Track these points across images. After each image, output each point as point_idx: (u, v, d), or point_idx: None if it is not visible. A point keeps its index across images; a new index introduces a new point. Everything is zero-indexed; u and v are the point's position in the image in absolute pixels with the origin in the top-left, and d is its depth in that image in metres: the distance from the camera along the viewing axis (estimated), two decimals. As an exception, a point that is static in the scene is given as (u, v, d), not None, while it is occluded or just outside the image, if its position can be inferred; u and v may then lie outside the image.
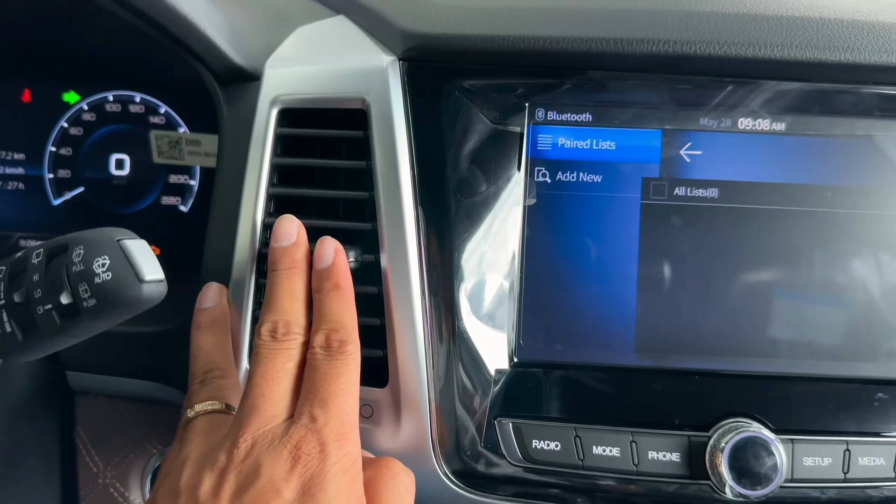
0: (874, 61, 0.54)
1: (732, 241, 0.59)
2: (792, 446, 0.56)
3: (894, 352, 0.59)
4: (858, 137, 0.59)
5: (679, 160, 0.59)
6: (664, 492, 0.56)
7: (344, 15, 0.69)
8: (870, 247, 0.59)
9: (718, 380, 0.58)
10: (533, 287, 0.59)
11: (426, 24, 0.58)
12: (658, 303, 0.59)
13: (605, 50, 0.54)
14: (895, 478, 0.56)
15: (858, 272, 0.59)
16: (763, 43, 0.54)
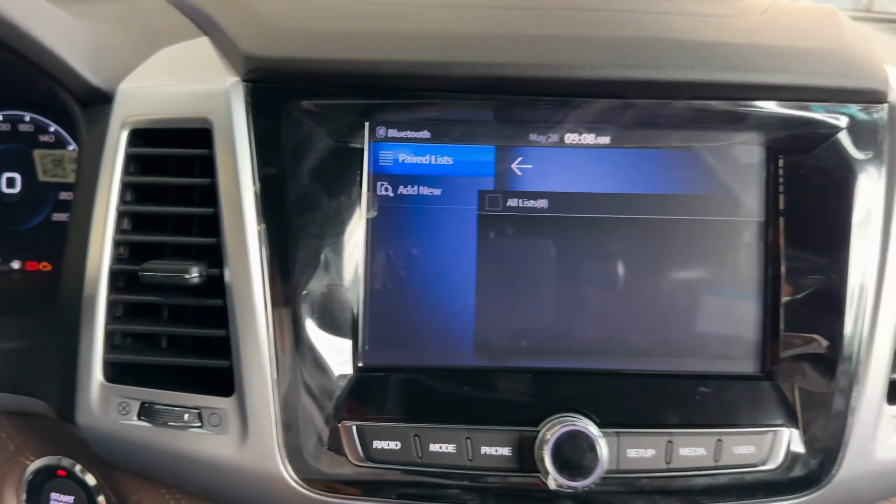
0: (680, 78, 0.58)
1: (562, 248, 0.63)
2: (617, 439, 0.60)
3: (714, 349, 0.63)
4: (677, 148, 0.63)
5: (511, 174, 0.63)
6: (496, 484, 0.59)
7: (208, 37, 0.71)
8: (691, 251, 0.63)
9: (551, 378, 0.62)
10: (377, 295, 0.62)
11: (268, 47, 0.61)
12: (496, 307, 0.62)
13: (430, 73, 0.58)
14: (714, 466, 0.61)
15: (680, 275, 0.63)
16: (576, 64, 0.58)
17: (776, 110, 0.61)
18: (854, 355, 0.61)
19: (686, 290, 0.63)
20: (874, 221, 0.61)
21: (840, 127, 0.62)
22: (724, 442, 0.60)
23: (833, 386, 0.61)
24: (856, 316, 0.61)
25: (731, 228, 0.64)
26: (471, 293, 0.62)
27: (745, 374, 0.63)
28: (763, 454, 0.61)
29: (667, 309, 0.63)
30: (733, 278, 0.64)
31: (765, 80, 0.59)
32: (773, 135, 0.63)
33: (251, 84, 0.61)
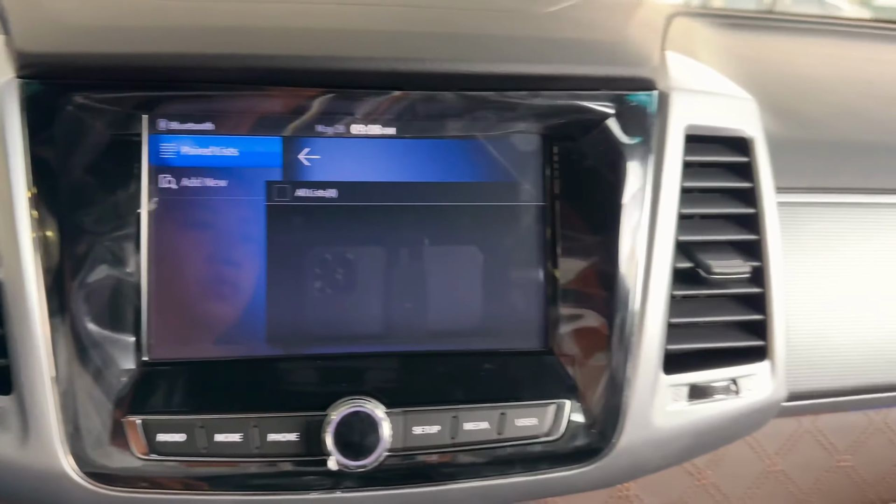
0: (446, 69, 0.60)
1: (352, 237, 0.64)
2: (403, 418, 0.61)
3: (500, 328, 0.66)
4: (459, 138, 0.66)
5: (299, 164, 0.64)
6: (283, 470, 0.60)
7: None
8: (476, 235, 0.66)
9: (342, 363, 0.63)
10: (162, 289, 0.62)
11: (41, 43, 0.60)
12: (287, 296, 0.63)
13: (200, 65, 0.58)
14: (497, 439, 0.63)
15: (466, 259, 0.66)
16: (344, 56, 0.59)
17: (546, 100, 0.64)
18: (628, 329, 0.64)
19: (472, 273, 0.66)
20: (642, 202, 0.65)
21: (609, 114, 0.65)
22: (508, 415, 0.63)
23: (609, 358, 0.64)
24: (628, 291, 0.64)
25: (514, 213, 0.67)
26: (261, 283, 0.63)
27: (529, 350, 0.66)
28: (545, 426, 0.64)
29: (454, 292, 0.65)
30: (517, 260, 0.66)
31: (529, 71, 0.62)
32: (546, 123, 0.66)
33: (25, 81, 0.60)
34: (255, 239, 0.63)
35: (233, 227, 0.63)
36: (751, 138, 0.70)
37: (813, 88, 0.91)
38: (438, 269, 0.65)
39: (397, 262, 0.65)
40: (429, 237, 0.65)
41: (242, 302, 0.63)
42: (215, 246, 0.63)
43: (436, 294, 0.65)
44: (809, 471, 0.78)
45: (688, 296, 0.68)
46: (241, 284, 0.63)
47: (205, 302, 0.63)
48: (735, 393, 0.69)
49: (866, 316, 0.78)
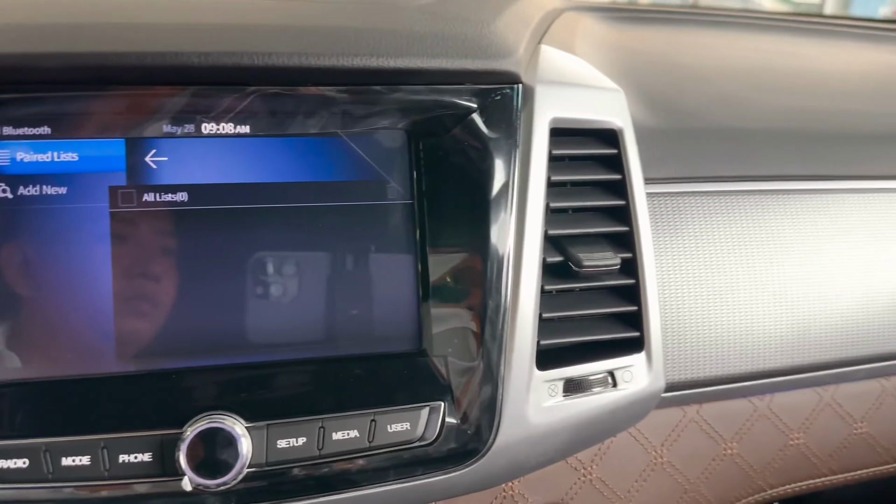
0: (296, 64, 0.58)
1: (207, 242, 0.61)
2: (265, 432, 0.59)
3: (371, 331, 0.63)
4: (321, 136, 0.63)
5: (145, 167, 0.60)
6: (136, 492, 0.57)
7: None
8: (343, 237, 0.63)
9: (199, 377, 0.60)
10: None
11: None
12: (136, 308, 0.60)
13: (32, 65, 0.54)
14: (369, 447, 0.61)
15: (334, 261, 0.63)
16: (182, 51, 0.56)
17: (408, 95, 0.62)
18: (499, 326, 0.63)
19: (338, 275, 0.63)
20: (509, 196, 0.64)
21: (472, 108, 0.64)
22: (378, 422, 0.61)
23: (482, 356, 0.63)
24: (497, 287, 0.63)
25: (380, 212, 0.64)
26: (108, 297, 0.59)
27: (401, 353, 0.64)
28: (419, 430, 0.62)
29: (319, 296, 0.63)
30: (386, 260, 0.64)
31: (385, 65, 0.60)
32: (410, 118, 0.64)
33: None
34: (99, 250, 0.59)
35: (75, 237, 0.59)
36: (619, 130, 0.70)
37: (691, 78, 0.92)
38: (301, 273, 0.62)
39: (256, 268, 0.62)
40: (290, 240, 0.62)
41: (87, 316, 0.59)
42: (56, 257, 0.59)
43: (299, 299, 0.62)
44: (697, 460, 0.78)
45: (561, 290, 0.67)
46: (85, 298, 0.59)
47: (46, 317, 0.58)
48: (612, 385, 0.68)
49: (744, 302, 0.78)
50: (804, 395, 0.82)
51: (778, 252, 0.80)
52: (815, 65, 1.06)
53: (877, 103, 0.97)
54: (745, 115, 0.88)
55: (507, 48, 0.65)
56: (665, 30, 1.09)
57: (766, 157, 0.83)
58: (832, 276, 0.82)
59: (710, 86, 0.92)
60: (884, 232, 0.85)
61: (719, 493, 0.81)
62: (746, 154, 0.83)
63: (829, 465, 0.86)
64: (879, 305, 0.83)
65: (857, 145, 0.89)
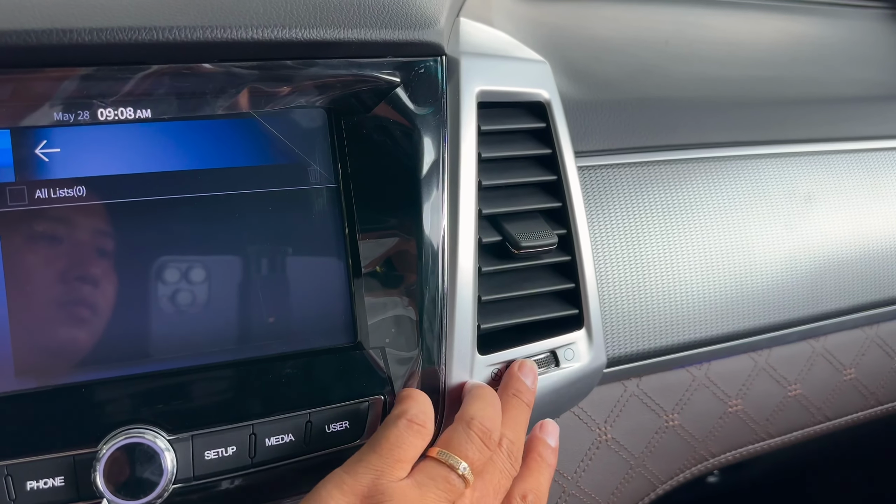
0: (197, 38, 0.53)
1: (109, 241, 0.55)
2: (191, 443, 0.53)
3: (301, 327, 0.59)
4: (230, 117, 0.58)
5: (36, 160, 0.54)
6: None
7: None
8: (263, 226, 0.59)
9: (112, 389, 0.54)
10: None
11: None
12: (35, 318, 0.53)
13: None
14: (307, 451, 0.57)
15: (254, 254, 0.58)
16: (71, 27, 0.50)
17: (326, 70, 0.58)
18: (437, 311, 0.60)
19: (262, 268, 0.59)
20: (440, 175, 0.61)
21: (396, 82, 0.60)
22: (315, 423, 0.57)
23: (420, 344, 0.60)
24: (433, 271, 0.60)
25: (305, 198, 0.60)
26: (2, 308, 0.53)
27: (336, 347, 0.60)
28: (359, 428, 0.58)
29: (243, 292, 0.58)
30: (313, 250, 0.60)
31: (299, 37, 0.55)
32: (329, 95, 0.60)
33: None
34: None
35: (-43, 243, 0.52)
36: (546, 102, 0.68)
37: (608, 50, 0.91)
38: (219, 270, 0.57)
39: (167, 266, 0.56)
40: (204, 234, 0.57)
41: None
42: (-65, 267, 0.52)
43: (219, 297, 0.57)
44: (640, 435, 0.77)
45: (497, 270, 0.64)
46: (-27, 310, 0.52)
47: (-72, 336, 0.51)
48: (555, 365, 0.66)
49: (676, 272, 0.78)
50: (740, 362, 0.83)
51: (705, 219, 0.80)
52: (724, 35, 1.07)
53: (788, 70, 0.99)
54: (664, 85, 0.87)
55: (428, 18, 0.62)
56: (578, 5, 1.08)
57: (686, 126, 0.83)
58: (759, 241, 0.82)
59: (629, 57, 0.91)
60: (804, 194, 0.86)
61: (664, 465, 0.81)
62: (668, 123, 0.83)
63: (767, 429, 0.87)
64: (806, 268, 0.84)
65: (772, 110, 0.90)
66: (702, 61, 0.94)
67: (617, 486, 0.78)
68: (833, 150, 0.89)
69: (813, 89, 0.95)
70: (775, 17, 1.13)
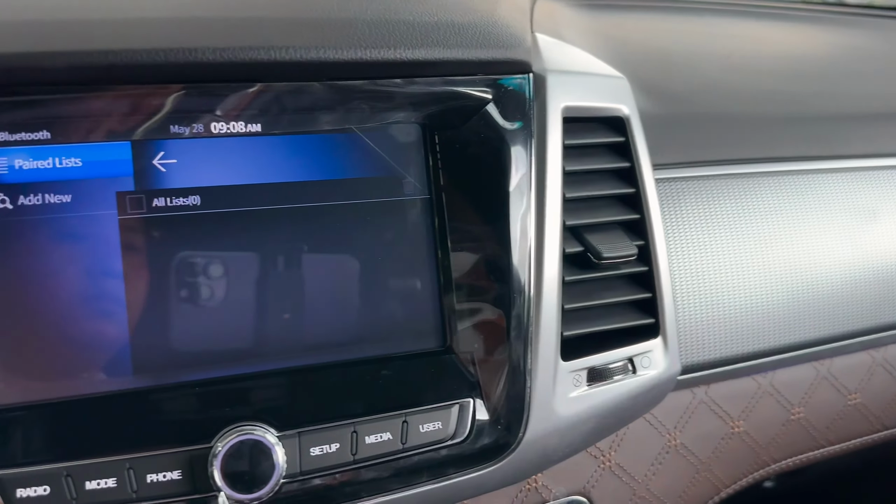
0: (311, 58, 0.56)
1: (221, 247, 0.58)
2: (298, 440, 0.56)
3: (395, 331, 0.62)
4: (333, 132, 0.61)
5: (154, 171, 0.57)
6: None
7: None
8: (361, 235, 0.61)
9: (224, 388, 0.57)
10: (5, 322, 0.54)
11: None
12: (152, 319, 0.57)
13: (26, 64, 0.51)
14: (402, 449, 0.59)
15: (353, 261, 0.61)
16: (195, 47, 0.53)
17: (423, 87, 0.61)
18: (524, 318, 0.62)
19: (360, 275, 0.61)
20: (528, 187, 0.63)
21: (487, 99, 0.63)
22: (410, 423, 0.59)
23: (508, 350, 0.62)
24: (520, 280, 0.62)
25: (399, 208, 0.63)
26: (121, 308, 0.56)
27: (427, 351, 0.62)
28: (450, 429, 0.61)
29: (341, 298, 0.61)
30: (407, 258, 0.63)
31: (401, 57, 0.58)
32: (425, 111, 0.63)
33: None
34: (109, 260, 0.56)
35: (83, 249, 0.56)
36: (626, 117, 0.70)
37: (674, 63, 0.93)
38: (321, 276, 0.60)
39: (274, 272, 0.59)
40: (307, 242, 0.60)
41: (101, 330, 0.56)
42: (64, 269, 0.55)
43: (320, 302, 0.60)
44: (707, 440, 0.79)
45: (579, 280, 0.66)
46: (97, 311, 0.56)
47: (57, 334, 0.55)
48: (632, 372, 0.68)
49: (744, 283, 0.80)
50: (803, 371, 0.84)
51: (772, 232, 0.82)
52: (783, 49, 1.08)
53: (849, 84, 1.00)
54: (732, 100, 0.89)
55: (516, 37, 0.65)
56: (637, 17, 1.10)
57: (756, 140, 0.85)
58: (823, 254, 0.84)
59: (694, 71, 0.93)
60: (868, 208, 0.87)
61: (728, 470, 0.83)
62: (736, 138, 0.84)
63: (827, 436, 0.88)
64: (869, 281, 0.86)
65: (836, 125, 0.92)
66: (764, 75, 0.96)
67: (684, 490, 0.80)
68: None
69: (876, 104, 0.97)
70: (829, 31, 1.14)
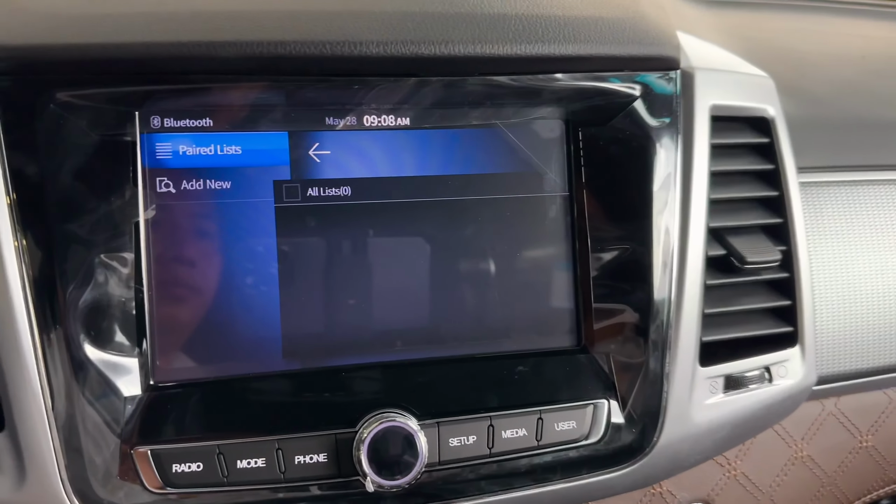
0: (469, 53, 0.56)
1: (370, 237, 0.59)
2: (437, 430, 0.57)
3: (530, 327, 0.62)
4: (478, 127, 0.61)
5: (309, 161, 0.59)
6: (313, 494, 0.55)
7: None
8: (499, 230, 0.62)
9: (367, 374, 0.58)
10: (165, 304, 0.56)
11: (11, 33, 0.53)
12: (302, 305, 0.58)
13: (198, 54, 0.53)
14: (537, 445, 0.59)
15: (491, 256, 0.61)
16: (359, 40, 0.54)
17: (570, 82, 0.60)
18: (664, 321, 0.61)
19: (498, 270, 0.62)
20: (673, 187, 0.62)
21: (634, 96, 0.62)
22: (545, 420, 0.59)
23: (646, 353, 0.61)
24: (662, 282, 0.61)
25: (538, 205, 0.63)
26: (274, 292, 0.58)
27: (562, 349, 0.62)
28: (584, 429, 0.61)
29: (480, 291, 0.61)
30: (544, 255, 0.63)
31: (554, 52, 0.58)
32: (570, 108, 0.62)
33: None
34: (265, 245, 0.58)
35: (240, 234, 0.57)
36: (772, 118, 0.68)
37: (809, 64, 0.90)
38: (462, 269, 0.61)
39: (417, 263, 0.60)
40: (449, 235, 0.61)
41: (254, 314, 0.58)
42: (221, 254, 0.57)
43: (462, 295, 0.61)
44: (834, 454, 0.77)
45: (719, 284, 0.65)
46: (252, 295, 0.57)
47: (213, 316, 0.57)
48: (768, 381, 0.67)
49: (882, 294, 0.76)
50: (938, 387, 0.81)
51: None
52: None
53: None
54: (871, 103, 0.85)
55: (665, 33, 0.63)
56: (763, 15, 1.07)
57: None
58: (967, 266, 0.80)
59: (829, 72, 0.90)
60: None
61: (854, 485, 0.80)
62: (878, 142, 0.81)
63: (961, 457, 0.84)
64: None
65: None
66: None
67: (808, 503, 0.78)
68: None
69: None
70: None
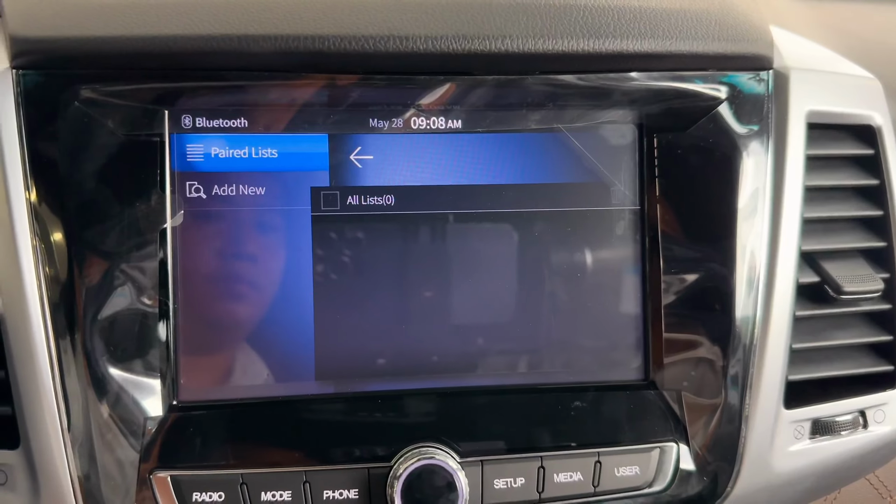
0: (530, 49, 0.50)
1: (414, 252, 0.54)
2: (481, 469, 0.52)
3: (590, 357, 0.55)
4: (538, 131, 0.55)
5: (350, 166, 0.54)
6: (342, 535, 0.51)
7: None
8: (559, 248, 0.55)
9: (405, 403, 0.53)
10: (192, 319, 0.52)
11: (37, 26, 0.50)
12: (339, 324, 0.53)
13: (234, 48, 0.48)
14: (594, 493, 0.53)
15: (549, 276, 0.55)
16: (408, 35, 0.49)
17: (646, 82, 0.54)
18: (745, 356, 0.54)
19: (556, 292, 0.55)
20: (761, 203, 0.55)
21: (720, 98, 0.55)
22: (604, 463, 0.53)
23: (723, 391, 0.54)
24: (745, 311, 0.54)
25: (605, 219, 0.56)
26: (308, 310, 0.53)
27: (625, 384, 0.56)
28: (648, 475, 0.54)
29: (535, 315, 0.55)
30: (609, 276, 0.56)
31: (629, 48, 0.51)
32: (644, 111, 0.56)
33: (21, 71, 0.50)
34: (300, 258, 0.53)
35: (274, 245, 0.53)
36: (878, 127, 0.59)
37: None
38: (514, 290, 0.55)
39: (466, 282, 0.54)
40: (503, 252, 0.55)
41: (287, 332, 0.53)
42: (253, 266, 0.53)
43: (514, 319, 0.55)
44: (936, 508, 0.67)
45: (812, 316, 0.57)
46: (284, 312, 0.53)
47: (242, 333, 0.53)
48: (862, 426, 0.58)
49: None
50: None
51: None
52: None
53: None
54: None
55: (757, 29, 0.56)
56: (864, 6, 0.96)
57: None
58: None
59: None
60: None
61: (956, 545, 0.70)
62: None
63: None
64: None
65: None
66: None
67: (903, 564, 0.69)
68: None
69: None
70: None
